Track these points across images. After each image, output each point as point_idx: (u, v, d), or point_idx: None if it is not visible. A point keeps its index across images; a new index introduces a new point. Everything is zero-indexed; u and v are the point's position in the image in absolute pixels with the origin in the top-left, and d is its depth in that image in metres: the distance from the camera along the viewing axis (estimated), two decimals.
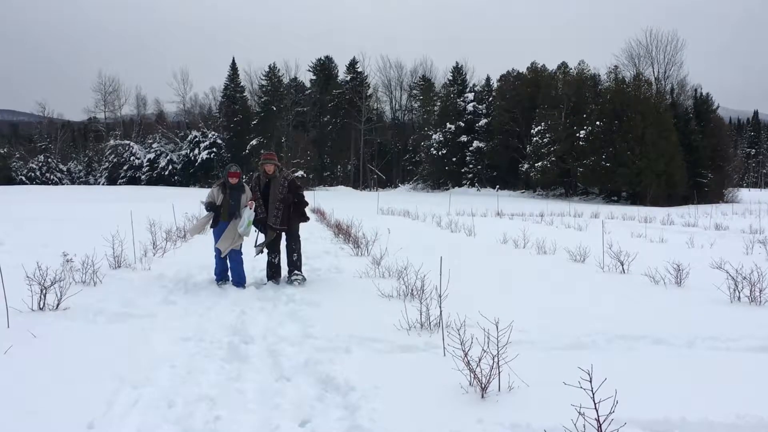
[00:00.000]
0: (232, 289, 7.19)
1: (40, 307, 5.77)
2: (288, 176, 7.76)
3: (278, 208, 7.52)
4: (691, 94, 54.70)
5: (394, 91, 75.52)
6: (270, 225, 7.51)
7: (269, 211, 7.50)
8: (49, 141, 70.72)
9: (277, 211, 7.52)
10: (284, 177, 7.68)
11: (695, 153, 47.89)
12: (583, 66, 56.27)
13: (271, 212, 7.50)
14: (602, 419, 3.05)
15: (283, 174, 7.72)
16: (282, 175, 7.69)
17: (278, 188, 7.54)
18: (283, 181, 7.61)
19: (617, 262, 9.05)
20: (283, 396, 3.96)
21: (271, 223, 7.50)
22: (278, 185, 7.55)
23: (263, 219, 7.51)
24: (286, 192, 7.57)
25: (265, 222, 7.54)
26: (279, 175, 7.63)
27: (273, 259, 7.68)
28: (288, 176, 7.76)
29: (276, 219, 7.51)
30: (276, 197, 7.49)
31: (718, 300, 6.86)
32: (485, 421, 3.49)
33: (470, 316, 5.13)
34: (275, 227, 7.52)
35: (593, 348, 4.94)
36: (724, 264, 7.58)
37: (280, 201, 7.51)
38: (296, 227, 7.77)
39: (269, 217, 7.50)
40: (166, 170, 64.96)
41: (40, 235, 11.89)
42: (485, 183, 58.67)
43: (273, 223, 7.50)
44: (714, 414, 3.53)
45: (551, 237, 12.81)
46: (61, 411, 3.56)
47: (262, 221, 7.54)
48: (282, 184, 7.58)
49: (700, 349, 4.95)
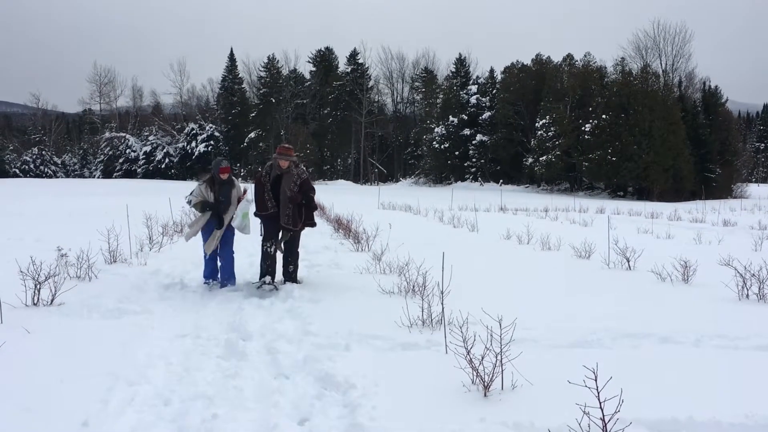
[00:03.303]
0: (228, 286, 7.02)
1: (34, 302, 5.72)
2: (302, 174, 7.19)
3: (290, 207, 7.03)
4: (699, 87, 54.39)
5: (395, 83, 74.69)
6: (283, 225, 7.04)
7: (282, 208, 6.99)
8: (44, 133, 69.92)
9: (289, 210, 7.03)
10: (298, 174, 7.13)
11: (703, 147, 47.65)
12: (589, 58, 55.88)
13: (283, 210, 6.99)
14: (607, 418, 3.01)
15: (297, 171, 7.15)
16: (296, 171, 7.13)
17: (289, 184, 7.01)
18: (296, 179, 7.08)
19: (623, 258, 8.96)
20: (281, 394, 3.92)
21: (284, 223, 7.01)
22: (290, 182, 7.02)
23: (274, 215, 6.99)
24: (297, 191, 7.05)
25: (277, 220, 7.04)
26: (294, 171, 7.09)
27: (269, 248, 7.07)
28: (302, 174, 7.19)
29: (288, 218, 7.00)
30: (286, 195, 6.99)
31: (725, 297, 6.78)
32: (488, 420, 3.44)
33: (473, 313, 5.08)
34: (288, 226, 7.02)
35: (598, 346, 4.88)
36: (732, 261, 7.52)
37: (289, 199, 7.01)
38: (298, 234, 7.26)
39: (281, 215, 6.99)
40: (162, 163, 64.11)
41: (33, 229, 11.84)
42: (488, 177, 58.43)
43: (285, 223, 7.00)
44: (722, 413, 3.49)
45: (556, 233, 12.72)
46: (55, 408, 3.51)
47: (272, 217, 7.02)
48: (294, 181, 7.06)
49: (707, 348, 4.88)
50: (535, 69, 56.77)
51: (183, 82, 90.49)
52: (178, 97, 73.45)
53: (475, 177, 59.12)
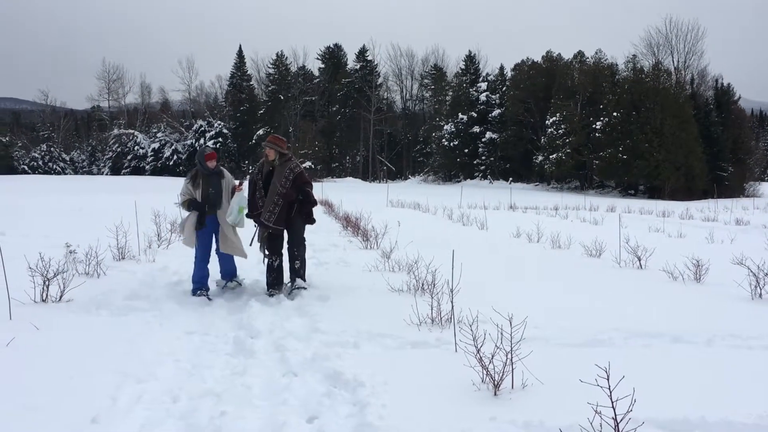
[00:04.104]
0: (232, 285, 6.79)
1: (43, 299, 5.73)
2: (295, 168, 6.52)
3: (276, 203, 6.35)
4: (711, 85, 53.93)
5: (404, 81, 74.69)
6: (262, 222, 6.40)
7: (266, 205, 6.38)
8: (52, 130, 70.13)
9: (274, 207, 6.34)
10: (290, 168, 6.48)
11: (716, 145, 47.23)
12: (600, 55, 55.56)
13: (267, 206, 6.35)
14: (620, 418, 2.98)
15: (289, 164, 6.52)
16: (288, 165, 6.50)
17: (280, 179, 6.39)
18: (288, 173, 6.44)
19: (634, 257, 8.87)
20: (290, 391, 3.90)
21: (264, 219, 6.36)
22: (281, 176, 6.40)
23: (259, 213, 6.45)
24: (289, 186, 6.43)
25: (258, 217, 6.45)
26: (283, 165, 6.48)
27: (273, 262, 6.57)
28: (295, 168, 6.52)
29: (271, 215, 6.34)
30: (275, 190, 6.36)
31: (738, 296, 6.70)
32: (498, 419, 3.41)
33: (483, 311, 5.05)
34: (268, 225, 6.38)
35: (609, 345, 4.83)
36: (745, 260, 7.42)
37: (280, 195, 6.37)
38: (301, 229, 6.66)
39: (264, 211, 6.37)
40: (170, 160, 64.00)
41: (41, 225, 11.90)
42: (498, 175, 58.24)
43: (266, 220, 6.35)
44: (735, 414, 3.44)
45: (566, 231, 12.64)
46: (64, 405, 3.51)
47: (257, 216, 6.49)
48: (286, 176, 6.42)
49: (719, 347, 4.82)
50: (546, 66, 56.49)
51: (191, 79, 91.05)
52: (186, 94, 73.94)
53: (484, 175, 58.93)
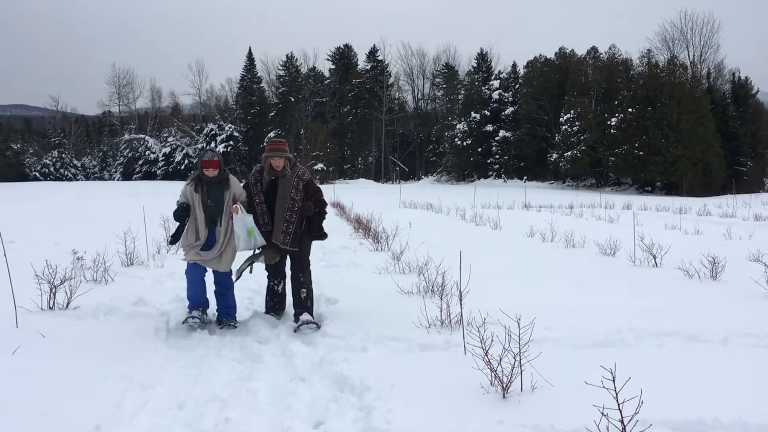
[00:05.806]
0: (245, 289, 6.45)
1: (50, 306, 5.71)
2: (303, 175, 5.53)
3: (289, 221, 5.36)
4: (728, 78, 53.14)
5: (416, 80, 74.12)
6: (277, 244, 5.39)
7: (276, 223, 5.38)
8: (63, 136, 70.22)
9: (288, 225, 5.36)
10: (298, 176, 5.48)
11: (734, 140, 46.53)
12: (614, 50, 54.84)
13: (278, 225, 5.35)
14: (626, 420, 2.96)
15: (296, 171, 5.50)
16: (295, 172, 5.49)
17: (288, 191, 5.38)
18: (296, 182, 5.43)
19: (649, 255, 8.74)
20: (296, 396, 3.90)
21: (279, 242, 5.37)
22: (289, 186, 5.39)
23: (270, 233, 5.40)
24: (302, 196, 5.43)
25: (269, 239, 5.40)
26: (290, 173, 5.45)
27: (276, 285, 5.72)
28: (303, 175, 5.53)
29: (286, 236, 5.36)
30: (285, 205, 5.37)
31: (755, 294, 6.56)
32: (506, 422, 3.38)
33: (492, 313, 5.00)
34: (285, 247, 5.41)
35: (622, 345, 4.76)
36: (762, 256, 7.27)
37: (291, 211, 5.37)
38: (308, 249, 5.70)
39: (276, 232, 5.36)
40: (182, 165, 63.58)
41: (52, 232, 11.99)
42: (512, 174, 57.84)
43: (282, 242, 5.37)
44: (750, 414, 3.39)
45: (580, 230, 12.49)
46: (69, 412, 3.51)
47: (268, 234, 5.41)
48: (295, 185, 5.41)
49: (735, 347, 4.73)
50: (559, 63, 55.93)
51: (201, 83, 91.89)
52: (196, 98, 74.13)
53: (498, 174, 58.54)
